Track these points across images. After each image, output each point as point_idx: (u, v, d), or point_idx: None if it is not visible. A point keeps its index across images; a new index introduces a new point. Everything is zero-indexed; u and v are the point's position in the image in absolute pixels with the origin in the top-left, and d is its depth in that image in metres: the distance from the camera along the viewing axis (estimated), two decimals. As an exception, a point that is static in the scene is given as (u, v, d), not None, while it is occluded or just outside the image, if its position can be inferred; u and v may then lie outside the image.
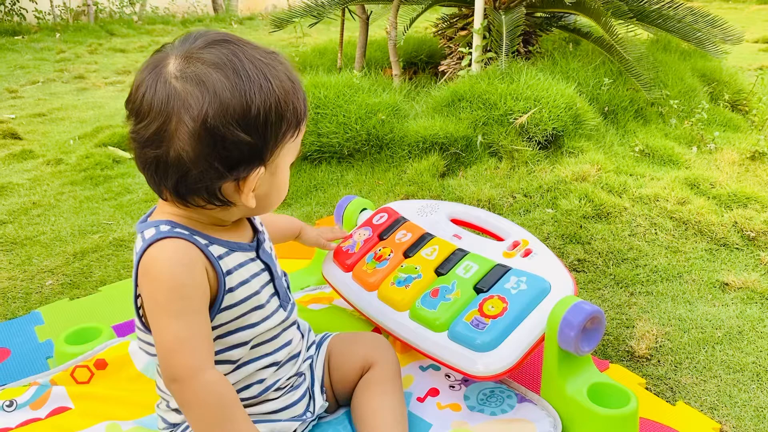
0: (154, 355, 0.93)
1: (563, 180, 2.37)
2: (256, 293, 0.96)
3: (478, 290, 1.20)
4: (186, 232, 0.89)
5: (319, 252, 1.65)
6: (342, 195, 2.40)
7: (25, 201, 2.52)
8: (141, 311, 0.93)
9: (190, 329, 0.86)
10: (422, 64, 4.04)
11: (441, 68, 3.67)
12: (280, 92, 0.86)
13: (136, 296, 0.92)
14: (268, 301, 0.98)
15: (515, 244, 1.28)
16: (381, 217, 1.47)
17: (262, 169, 0.87)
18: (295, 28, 4.01)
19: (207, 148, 0.82)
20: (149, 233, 0.89)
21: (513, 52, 3.08)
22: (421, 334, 1.18)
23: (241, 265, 0.94)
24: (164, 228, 0.89)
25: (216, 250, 0.91)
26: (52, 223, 2.30)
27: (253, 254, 0.98)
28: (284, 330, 1.02)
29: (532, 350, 1.11)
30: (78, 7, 9.19)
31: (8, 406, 1.16)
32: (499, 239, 1.34)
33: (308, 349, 1.12)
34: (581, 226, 2.07)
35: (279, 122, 0.86)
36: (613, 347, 1.51)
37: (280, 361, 1.01)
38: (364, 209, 1.55)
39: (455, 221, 1.43)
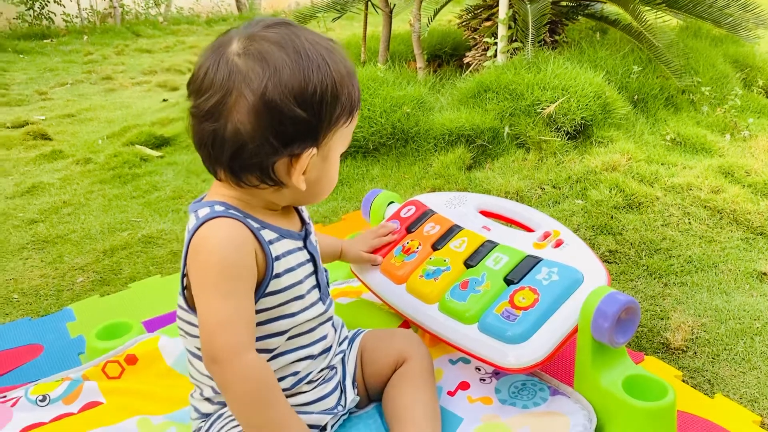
0: (195, 336, 0.93)
1: (593, 170, 2.33)
2: (299, 282, 0.96)
3: (508, 282, 1.18)
4: (239, 214, 0.91)
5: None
6: (368, 190, 2.38)
7: (56, 200, 2.56)
8: (186, 291, 0.93)
9: (236, 310, 0.86)
10: (447, 57, 4.00)
11: (466, 60, 3.63)
12: (337, 75, 0.88)
13: (183, 275, 0.93)
14: (309, 292, 0.99)
15: (546, 235, 1.25)
16: (408, 209, 1.45)
17: (315, 150, 0.89)
18: (318, 23, 4.00)
19: (264, 122, 0.84)
20: (203, 212, 0.90)
21: (539, 42, 3.03)
22: (451, 327, 1.17)
23: (289, 252, 0.95)
24: (219, 208, 0.90)
25: (267, 234, 0.93)
26: (82, 222, 2.33)
27: (300, 243, 0.99)
28: (321, 324, 1.02)
29: (565, 342, 1.09)
30: (104, 9, 9.32)
31: (41, 401, 1.17)
32: (529, 230, 1.31)
33: (340, 344, 1.11)
34: (612, 217, 2.03)
35: (334, 103, 0.89)
36: (648, 339, 1.48)
37: (315, 355, 1.01)
38: (392, 202, 1.53)
39: (484, 213, 1.41)
